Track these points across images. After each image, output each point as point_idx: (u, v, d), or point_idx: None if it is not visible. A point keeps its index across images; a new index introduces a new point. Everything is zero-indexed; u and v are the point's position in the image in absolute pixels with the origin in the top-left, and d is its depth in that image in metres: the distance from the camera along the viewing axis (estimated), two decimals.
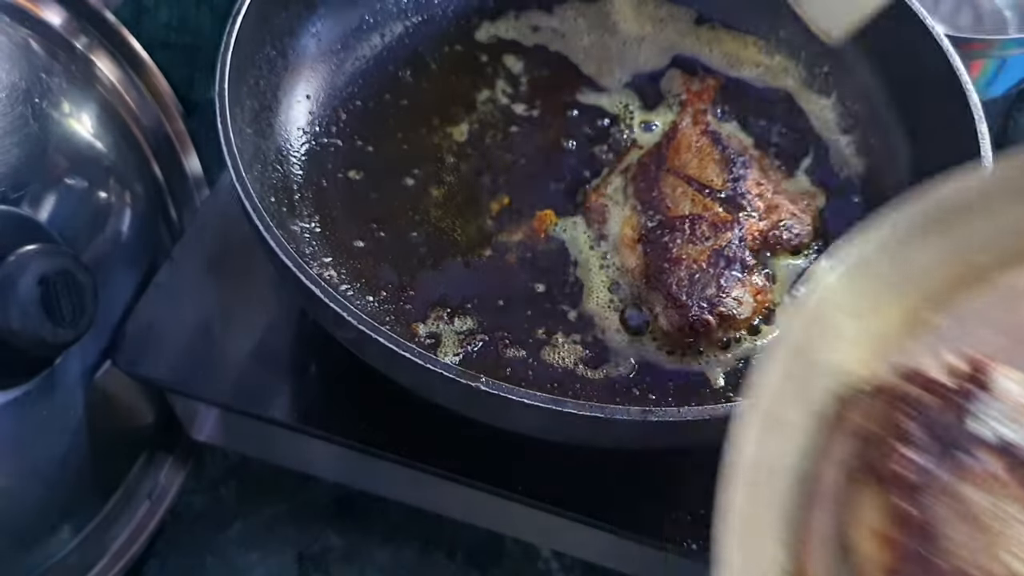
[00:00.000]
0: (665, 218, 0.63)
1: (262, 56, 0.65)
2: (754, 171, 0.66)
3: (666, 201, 0.64)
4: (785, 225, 0.64)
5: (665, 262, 0.61)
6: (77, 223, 0.62)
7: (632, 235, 0.63)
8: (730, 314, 0.59)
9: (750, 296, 0.60)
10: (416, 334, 0.59)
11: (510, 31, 0.75)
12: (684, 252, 0.61)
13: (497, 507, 0.62)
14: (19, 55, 0.61)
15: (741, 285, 0.60)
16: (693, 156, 0.66)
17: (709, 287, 0.60)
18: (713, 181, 0.65)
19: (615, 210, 0.66)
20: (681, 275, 0.60)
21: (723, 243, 0.61)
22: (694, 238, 0.62)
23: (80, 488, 0.63)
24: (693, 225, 0.62)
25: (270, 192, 0.62)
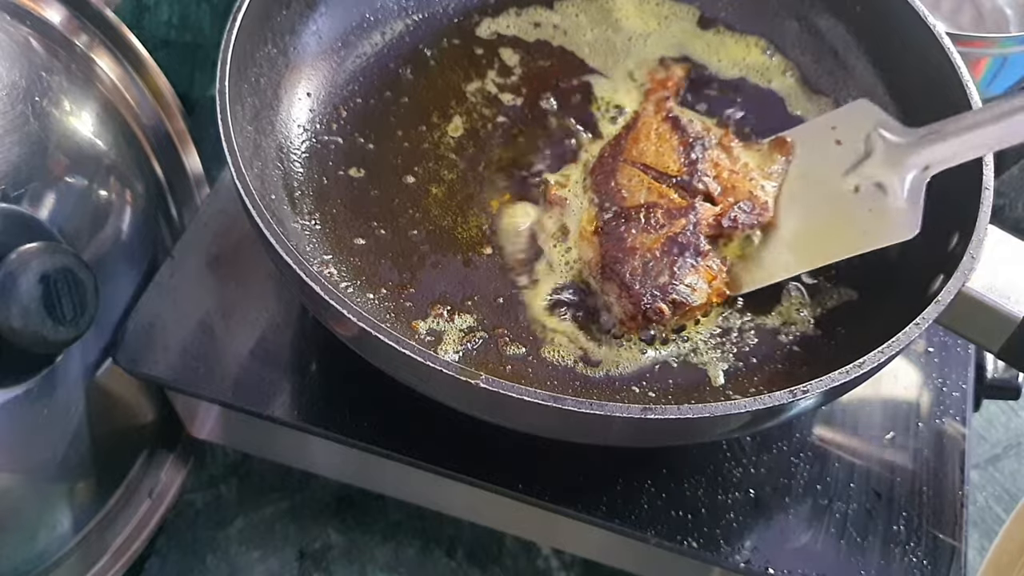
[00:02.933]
0: (621, 209, 0.63)
1: (263, 54, 0.65)
2: (713, 151, 0.66)
3: (622, 192, 0.64)
4: (742, 207, 0.63)
5: (620, 252, 0.61)
6: (78, 221, 0.62)
7: (589, 227, 0.63)
8: (683, 301, 0.59)
9: (704, 282, 0.60)
10: (416, 331, 0.59)
11: (511, 27, 0.75)
12: (638, 241, 0.61)
13: (497, 505, 0.62)
14: (19, 53, 0.61)
15: (695, 271, 0.60)
16: (652, 144, 0.66)
17: (662, 275, 0.59)
18: (670, 167, 0.65)
19: (574, 201, 0.66)
20: (635, 264, 0.60)
21: (677, 230, 0.61)
22: (648, 227, 0.62)
23: (81, 486, 0.63)
24: (648, 214, 0.62)
25: (271, 190, 0.62)
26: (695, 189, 0.63)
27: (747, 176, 0.65)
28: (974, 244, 0.55)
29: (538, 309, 0.61)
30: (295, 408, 0.62)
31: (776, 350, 0.61)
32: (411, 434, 0.60)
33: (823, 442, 0.63)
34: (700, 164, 0.64)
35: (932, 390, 0.66)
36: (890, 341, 0.51)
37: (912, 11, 0.66)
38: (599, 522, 0.59)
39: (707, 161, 0.65)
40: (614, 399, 0.57)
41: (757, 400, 0.49)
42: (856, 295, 0.63)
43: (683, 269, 0.60)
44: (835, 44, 0.73)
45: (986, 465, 0.82)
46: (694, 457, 0.61)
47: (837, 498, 0.61)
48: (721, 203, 0.63)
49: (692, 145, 0.65)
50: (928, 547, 0.59)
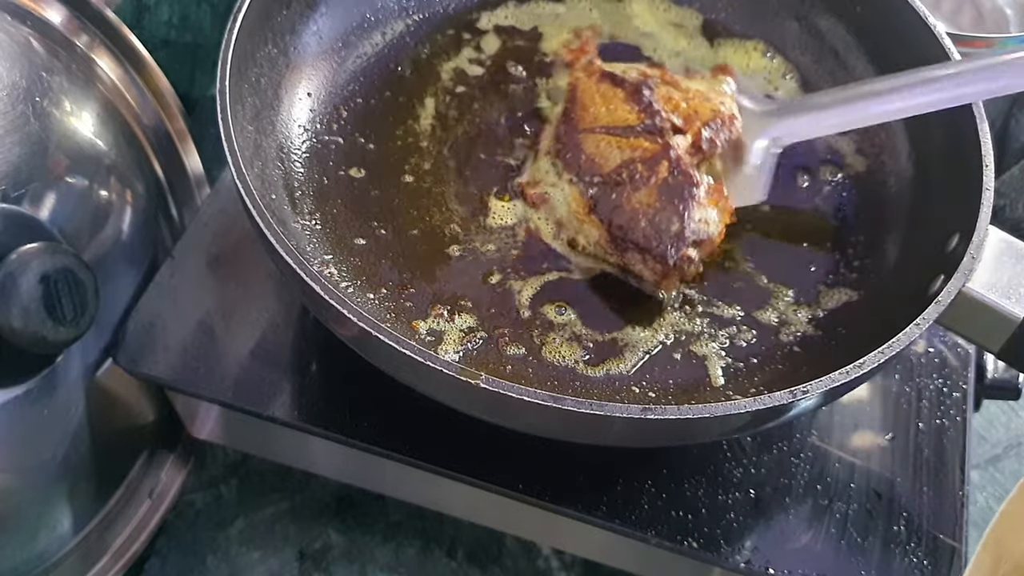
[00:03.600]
0: (602, 177, 0.62)
1: (263, 54, 0.65)
2: (660, 89, 0.66)
3: (595, 161, 0.63)
4: (711, 127, 0.64)
5: (623, 220, 0.60)
6: (78, 221, 0.62)
7: (582, 209, 0.63)
8: (704, 238, 0.60)
9: (712, 210, 0.61)
10: (416, 331, 0.59)
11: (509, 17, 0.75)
12: (635, 201, 0.61)
13: (497, 505, 0.62)
14: (20, 54, 0.61)
15: (700, 205, 0.60)
16: (601, 105, 0.65)
17: (673, 223, 0.59)
18: (629, 119, 0.64)
19: (555, 193, 0.65)
20: (643, 225, 0.60)
21: (664, 175, 0.61)
22: (637, 183, 0.61)
23: (81, 486, 0.63)
24: (630, 171, 0.61)
25: (271, 190, 0.62)
26: (662, 128, 0.63)
27: (703, 98, 0.66)
28: (974, 244, 0.55)
29: (535, 304, 0.61)
30: (295, 408, 0.62)
31: (776, 350, 0.61)
32: (411, 434, 0.60)
33: (823, 442, 0.63)
34: (655, 104, 0.64)
35: (932, 390, 0.66)
36: (890, 341, 0.51)
37: (912, 11, 0.66)
38: (599, 522, 0.59)
39: (660, 99, 0.65)
40: (614, 399, 0.57)
41: (757, 400, 0.49)
42: (856, 295, 0.63)
43: (688, 208, 0.60)
44: (835, 44, 0.73)
45: (986, 465, 0.82)
46: (694, 457, 0.61)
47: (837, 498, 0.61)
48: (690, 130, 0.63)
49: (639, 91, 0.65)
50: (928, 547, 0.59)
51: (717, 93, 0.67)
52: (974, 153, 0.59)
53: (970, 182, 0.58)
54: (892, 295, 0.62)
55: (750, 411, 0.49)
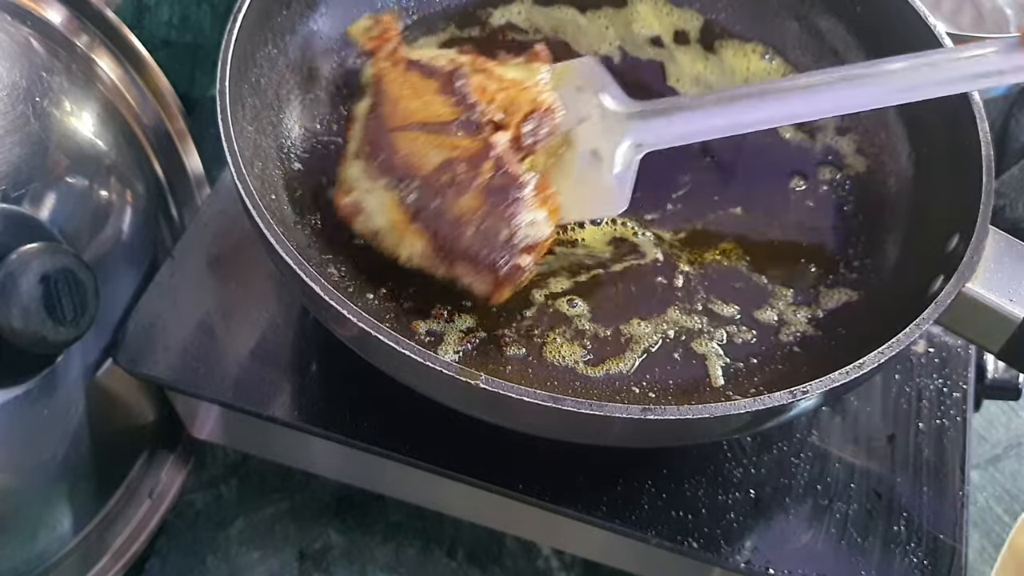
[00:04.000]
0: (421, 180, 0.57)
1: (263, 54, 0.65)
2: (474, 78, 0.60)
3: (412, 162, 0.58)
4: (532, 119, 0.59)
5: (449, 229, 0.56)
6: (78, 222, 0.62)
7: (403, 218, 0.58)
8: (533, 243, 0.56)
9: (540, 211, 0.57)
10: (416, 332, 0.59)
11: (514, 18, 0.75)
12: (459, 207, 0.56)
13: (497, 505, 0.62)
14: (20, 54, 0.61)
15: (526, 206, 0.57)
16: (411, 99, 0.60)
17: (501, 230, 0.56)
18: (443, 114, 0.59)
19: (370, 200, 0.59)
20: (469, 233, 0.56)
21: (487, 176, 0.56)
22: (459, 187, 0.56)
23: (81, 486, 0.63)
24: (451, 173, 0.57)
25: (271, 190, 0.62)
26: (480, 123, 0.58)
27: (519, 87, 0.61)
28: (974, 245, 0.55)
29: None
30: (295, 408, 0.62)
31: (776, 350, 0.61)
32: (411, 434, 0.60)
33: (823, 442, 0.63)
34: (470, 96, 0.59)
35: (932, 390, 0.66)
36: (890, 341, 0.51)
37: (912, 11, 0.66)
38: (599, 522, 0.59)
39: (475, 89, 0.60)
40: (614, 399, 0.57)
41: (757, 401, 0.49)
42: (856, 295, 0.63)
43: (516, 212, 0.56)
44: (835, 45, 0.73)
45: (986, 465, 0.82)
46: (694, 457, 0.61)
47: (837, 498, 0.61)
48: (510, 124, 0.59)
49: (451, 81, 0.60)
50: (928, 547, 0.59)
51: (533, 81, 0.61)
52: (974, 153, 0.59)
53: (970, 182, 0.58)
54: (892, 295, 0.62)
55: (750, 411, 0.49)
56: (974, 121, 0.60)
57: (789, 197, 0.68)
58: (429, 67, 0.61)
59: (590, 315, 0.61)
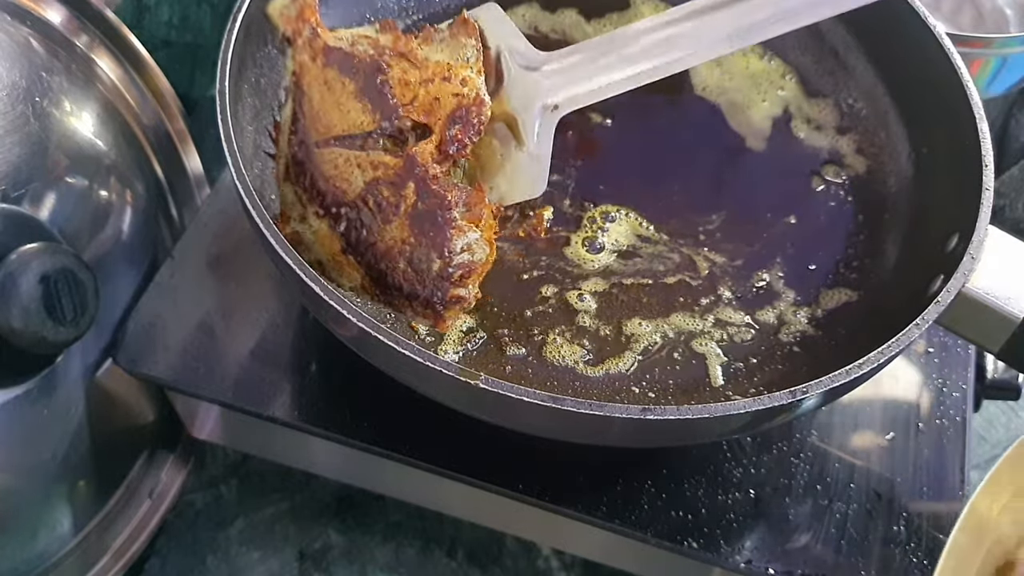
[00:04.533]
0: (348, 206, 0.52)
1: (263, 54, 0.65)
2: (395, 69, 0.54)
3: (338, 185, 0.53)
4: (457, 120, 0.53)
5: (380, 263, 0.52)
6: (78, 222, 0.62)
7: (337, 248, 0.53)
8: (469, 270, 0.52)
9: (474, 233, 0.52)
10: (416, 332, 0.59)
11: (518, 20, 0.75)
12: (388, 239, 0.52)
13: (497, 505, 0.62)
14: (20, 54, 0.61)
15: (459, 231, 0.52)
16: (331, 107, 0.54)
17: (433, 261, 0.51)
18: (364, 123, 0.53)
19: (305, 230, 0.55)
20: (401, 267, 0.52)
21: (411, 200, 0.51)
22: (385, 216, 0.52)
23: (81, 486, 0.63)
24: (375, 198, 0.52)
25: (271, 190, 0.62)
26: (402, 130, 0.53)
27: (442, 76, 0.54)
28: (974, 244, 0.55)
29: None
30: (295, 408, 0.62)
31: (776, 350, 0.61)
32: (411, 434, 0.60)
33: (823, 442, 0.63)
34: (390, 97, 0.53)
35: (932, 390, 0.66)
36: (890, 342, 0.51)
37: (912, 11, 0.66)
38: (599, 522, 0.59)
39: (394, 86, 0.53)
40: (614, 399, 0.57)
41: (757, 401, 0.49)
42: (856, 295, 0.63)
43: (445, 241, 0.51)
44: (835, 44, 0.73)
45: (986, 465, 0.81)
46: (694, 457, 0.61)
47: (837, 498, 0.61)
48: (434, 126, 0.53)
49: (370, 78, 0.53)
50: (928, 547, 0.59)
51: (460, 63, 0.54)
52: (974, 153, 0.59)
53: (970, 182, 0.58)
54: (892, 295, 0.62)
55: (750, 411, 0.49)
56: (974, 121, 0.60)
57: (789, 197, 0.68)
58: (348, 59, 0.54)
59: (595, 311, 0.61)
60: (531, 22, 0.75)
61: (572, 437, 0.53)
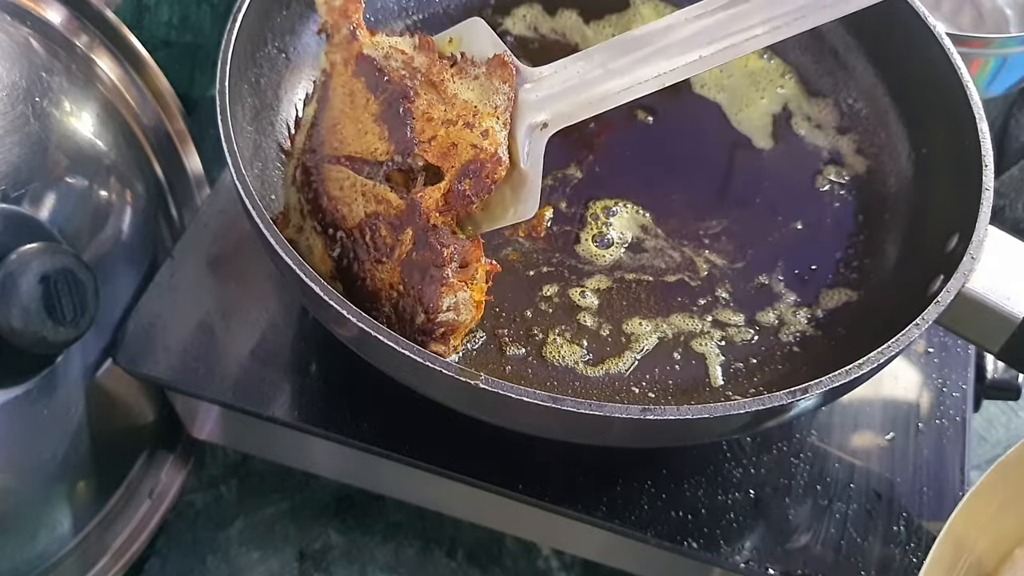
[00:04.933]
0: (345, 233, 0.52)
1: (263, 54, 0.65)
2: (421, 99, 0.53)
3: (338, 208, 0.52)
4: (469, 172, 0.52)
5: (365, 300, 0.51)
6: (78, 222, 0.62)
7: (328, 271, 0.53)
8: (451, 328, 0.52)
9: (464, 292, 0.52)
10: None
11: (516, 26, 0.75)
12: (377, 280, 0.51)
13: (497, 505, 0.62)
14: (20, 54, 0.61)
15: (448, 288, 0.51)
16: (350, 120, 0.53)
17: (418, 314, 0.51)
18: (377, 150, 0.52)
19: (302, 240, 0.54)
20: (386, 311, 0.51)
21: (407, 246, 0.50)
22: (378, 254, 0.51)
23: (81, 486, 0.63)
24: (372, 236, 0.51)
25: (271, 190, 0.62)
26: (413, 168, 0.52)
27: (466, 121, 0.53)
28: (974, 244, 0.55)
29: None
30: (295, 408, 0.62)
31: (776, 350, 0.61)
32: (411, 434, 0.60)
33: (823, 442, 0.63)
34: (410, 129, 0.52)
35: (932, 390, 0.66)
36: (890, 342, 0.51)
37: (912, 11, 0.66)
38: (599, 522, 0.59)
39: (417, 118, 0.52)
40: (614, 399, 0.57)
41: (757, 401, 0.49)
42: (856, 295, 0.63)
43: (433, 298, 0.51)
44: (835, 45, 0.73)
45: (986, 465, 0.81)
46: (694, 457, 0.61)
47: (837, 498, 0.61)
48: (446, 172, 0.52)
49: (393, 108, 0.52)
50: (928, 548, 0.59)
51: (488, 110, 0.53)
52: (974, 153, 0.59)
53: (970, 182, 0.58)
54: (892, 295, 0.62)
55: (750, 411, 0.49)
56: (974, 121, 0.60)
57: (789, 197, 0.68)
58: (379, 74, 0.54)
59: (597, 307, 0.61)
60: (531, 23, 0.75)
61: (572, 437, 0.53)
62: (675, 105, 0.72)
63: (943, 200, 0.62)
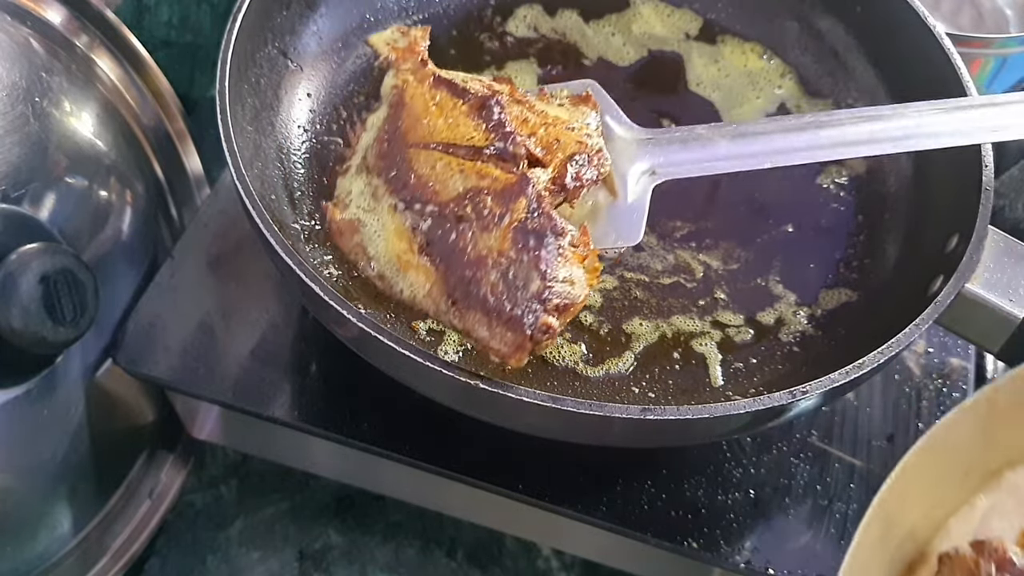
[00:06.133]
0: (438, 207, 0.50)
1: (263, 54, 0.65)
2: (512, 108, 0.54)
3: (430, 185, 0.51)
4: (578, 160, 0.52)
5: (467, 269, 0.49)
6: (78, 222, 0.62)
7: (407, 247, 0.51)
8: (567, 303, 0.48)
9: (578, 268, 0.50)
10: (416, 332, 0.59)
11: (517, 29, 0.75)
12: (482, 246, 0.49)
13: (497, 505, 0.62)
14: (20, 54, 0.61)
15: (564, 259, 0.49)
16: (437, 117, 0.53)
17: (532, 280, 0.48)
18: (474, 138, 0.52)
19: (370, 221, 0.53)
20: (492, 278, 0.49)
21: (521, 215, 0.49)
22: (485, 222, 0.49)
23: (81, 487, 0.63)
24: (476, 205, 0.49)
25: (271, 190, 0.62)
26: (516, 155, 0.52)
27: (564, 125, 0.55)
28: (974, 245, 0.55)
29: None
30: (295, 409, 0.62)
31: (776, 350, 0.61)
32: (411, 434, 0.60)
33: (823, 442, 0.63)
34: (507, 124, 0.52)
35: (932, 390, 0.66)
36: (890, 342, 0.51)
37: (912, 11, 0.66)
38: (599, 522, 0.59)
39: (513, 119, 0.53)
40: (614, 399, 0.57)
41: (757, 401, 0.49)
42: (856, 295, 0.63)
43: (551, 262, 0.48)
44: (835, 45, 0.73)
45: None
46: (694, 457, 0.61)
47: (837, 499, 0.61)
48: (551, 163, 0.52)
49: (487, 106, 0.53)
50: None
51: (581, 125, 0.55)
52: (974, 153, 0.59)
53: (969, 182, 0.58)
54: (892, 295, 0.62)
55: (750, 411, 0.49)
56: None
57: (789, 197, 0.68)
58: (460, 87, 0.55)
59: (598, 308, 0.61)
60: (532, 23, 0.75)
61: (572, 437, 0.53)
62: (668, 101, 0.72)
63: (943, 200, 0.62)
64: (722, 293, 0.63)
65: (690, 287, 0.63)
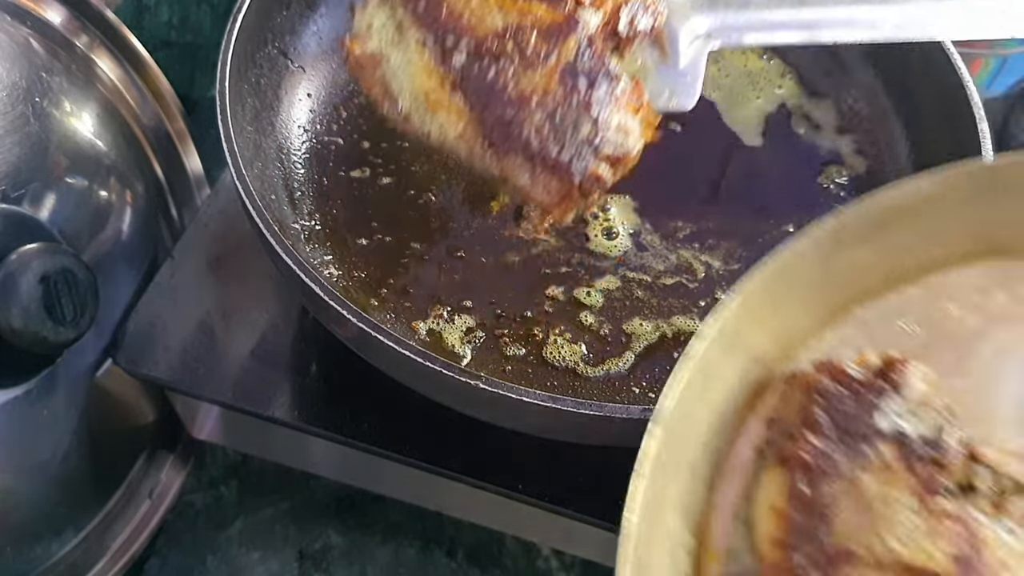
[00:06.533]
0: (476, 42, 0.46)
1: (263, 55, 0.65)
2: None
3: (464, 19, 0.46)
4: (631, 6, 0.47)
5: (507, 107, 0.45)
6: (78, 222, 0.62)
7: (437, 84, 0.46)
8: (620, 154, 0.45)
9: (631, 116, 0.46)
10: (416, 332, 0.59)
11: None
12: (525, 84, 0.45)
13: (497, 506, 0.62)
14: (20, 54, 0.61)
15: (617, 106, 0.45)
16: None
17: (582, 124, 0.44)
18: None
19: (395, 55, 0.48)
20: (536, 119, 0.44)
21: (570, 54, 0.45)
22: (528, 60, 0.45)
23: (81, 487, 0.63)
24: (518, 41, 0.45)
25: (271, 190, 0.62)
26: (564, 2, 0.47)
27: None
28: None
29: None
30: (295, 409, 0.62)
31: None
32: (411, 434, 0.60)
33: None
34: None
35: None
36: None
37: None
38: (599, 522, 0.59)
39: None
40: (614, 399, 0.57)
41: None
42: None
43: (605, 107, 0.45)
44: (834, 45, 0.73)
45: None
46: None
47: None
48: (603, 6, 0.47)
49: None
50: None
51: None
52: (974, 153, 0.59)
53: None
54: None
55: None
56: (974, 121, 0.60)
57: (789, 197, 0.68)
58: None
59: (599, 308, 0.61)
60: None
61: (572, 437, 0.53)
62: None
63: None
64: (723, 293, 0.63)
65: (692, 287, 0.63)
